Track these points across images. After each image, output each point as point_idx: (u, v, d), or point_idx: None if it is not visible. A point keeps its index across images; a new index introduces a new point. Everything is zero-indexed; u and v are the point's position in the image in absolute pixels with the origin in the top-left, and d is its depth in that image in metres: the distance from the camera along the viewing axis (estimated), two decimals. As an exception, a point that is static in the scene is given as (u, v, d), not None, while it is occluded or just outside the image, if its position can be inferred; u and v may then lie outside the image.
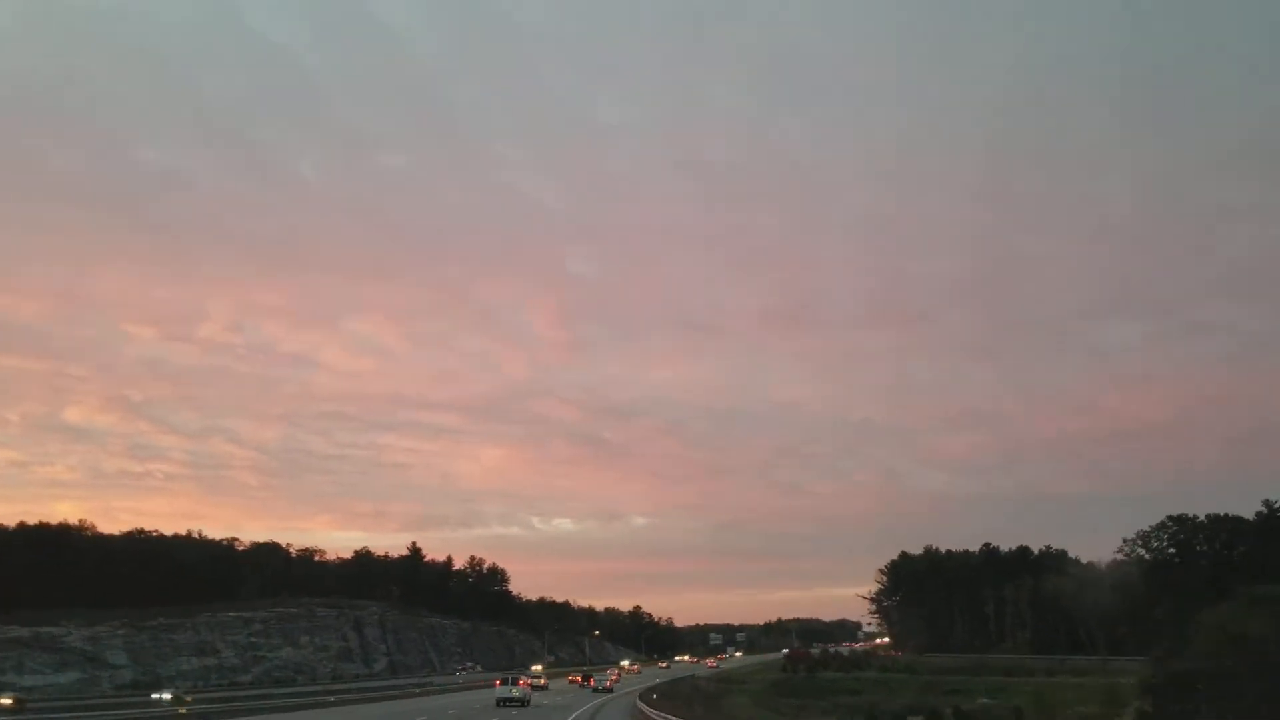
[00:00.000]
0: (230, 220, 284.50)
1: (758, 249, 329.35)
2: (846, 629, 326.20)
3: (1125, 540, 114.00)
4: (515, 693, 65.14)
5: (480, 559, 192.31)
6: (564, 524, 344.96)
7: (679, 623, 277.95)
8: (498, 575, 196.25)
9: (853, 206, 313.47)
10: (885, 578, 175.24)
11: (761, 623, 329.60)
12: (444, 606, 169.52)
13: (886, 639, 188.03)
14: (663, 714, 47.40)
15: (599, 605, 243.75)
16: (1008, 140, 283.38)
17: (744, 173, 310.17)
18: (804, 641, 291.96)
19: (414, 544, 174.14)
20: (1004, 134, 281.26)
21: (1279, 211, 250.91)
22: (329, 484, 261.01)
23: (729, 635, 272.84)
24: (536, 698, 70.74)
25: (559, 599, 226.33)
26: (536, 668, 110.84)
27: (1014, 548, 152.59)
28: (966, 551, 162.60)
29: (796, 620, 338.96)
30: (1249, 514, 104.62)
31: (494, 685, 72.22)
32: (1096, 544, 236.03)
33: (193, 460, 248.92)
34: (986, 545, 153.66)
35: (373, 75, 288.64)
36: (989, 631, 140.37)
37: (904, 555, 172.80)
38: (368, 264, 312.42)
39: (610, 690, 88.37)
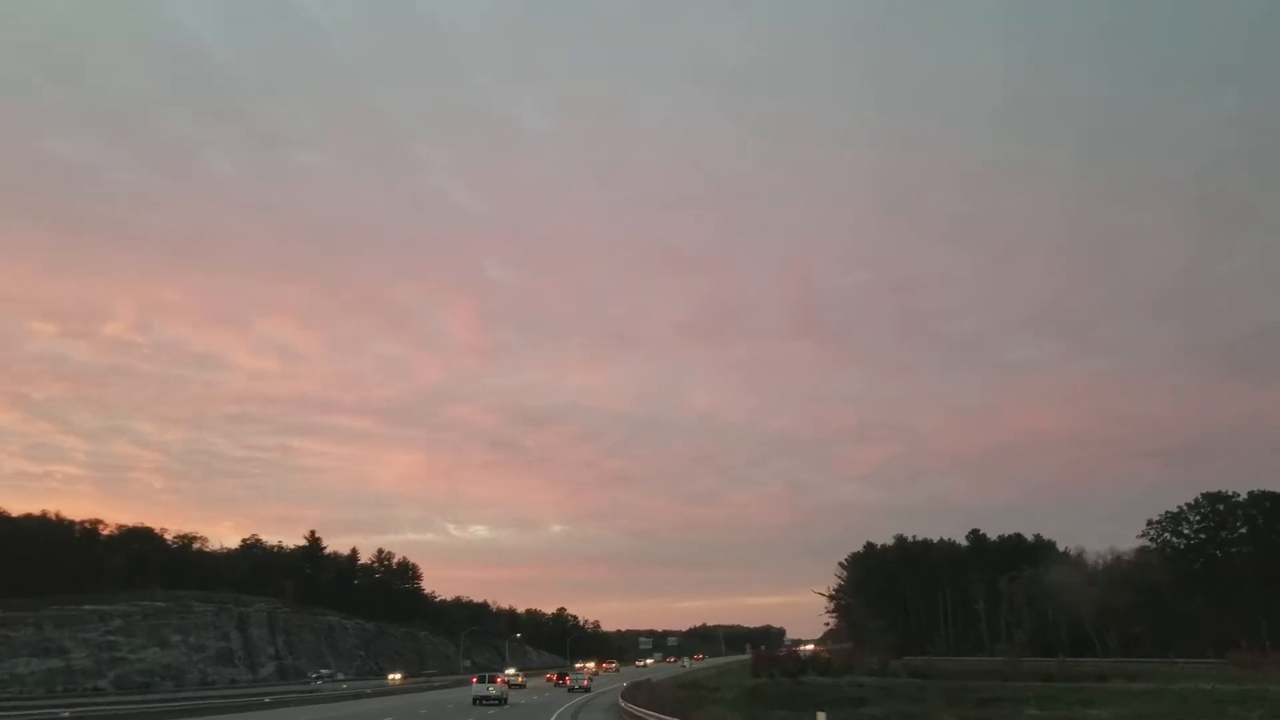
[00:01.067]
0: (137, 215, 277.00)
1: (680, 259, 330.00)
2: (772, 635, 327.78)
3: (1150, 523, 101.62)
4: (492, 690, 64.57)
5: (389, 553, 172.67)
6: (480, 531, 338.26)
7: (605, 628, 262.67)
8: (409, 572, 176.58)
9: (774, 220, 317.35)
10: (845, 572, 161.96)
11: (686, 628, 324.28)
12: (347, 605, 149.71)
13: (831, 644, 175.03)
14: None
15: (520, 607, 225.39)
16: (923, 160, 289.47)
17: (668, 182, 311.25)
18: (731, 647, 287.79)
19: (313, 533, 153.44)
20: (920, 154, 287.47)
21: (1181, 235, 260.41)
22: (237, 488, 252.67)
23: (659, 640, 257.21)
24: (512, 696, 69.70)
25: (478, 599, 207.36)
26: (510, 670, 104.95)
27: (1007, 535, 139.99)
28: (946, 541, 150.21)
29: (720, 626, 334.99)
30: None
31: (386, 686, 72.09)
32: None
33: (94, 462, 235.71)
34: (975, 532, 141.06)
35: (291, 71, 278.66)
36: (978, 631, 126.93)
37: (870, 547, 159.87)
38: (280, 263, 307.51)
39: (587, 689, 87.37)
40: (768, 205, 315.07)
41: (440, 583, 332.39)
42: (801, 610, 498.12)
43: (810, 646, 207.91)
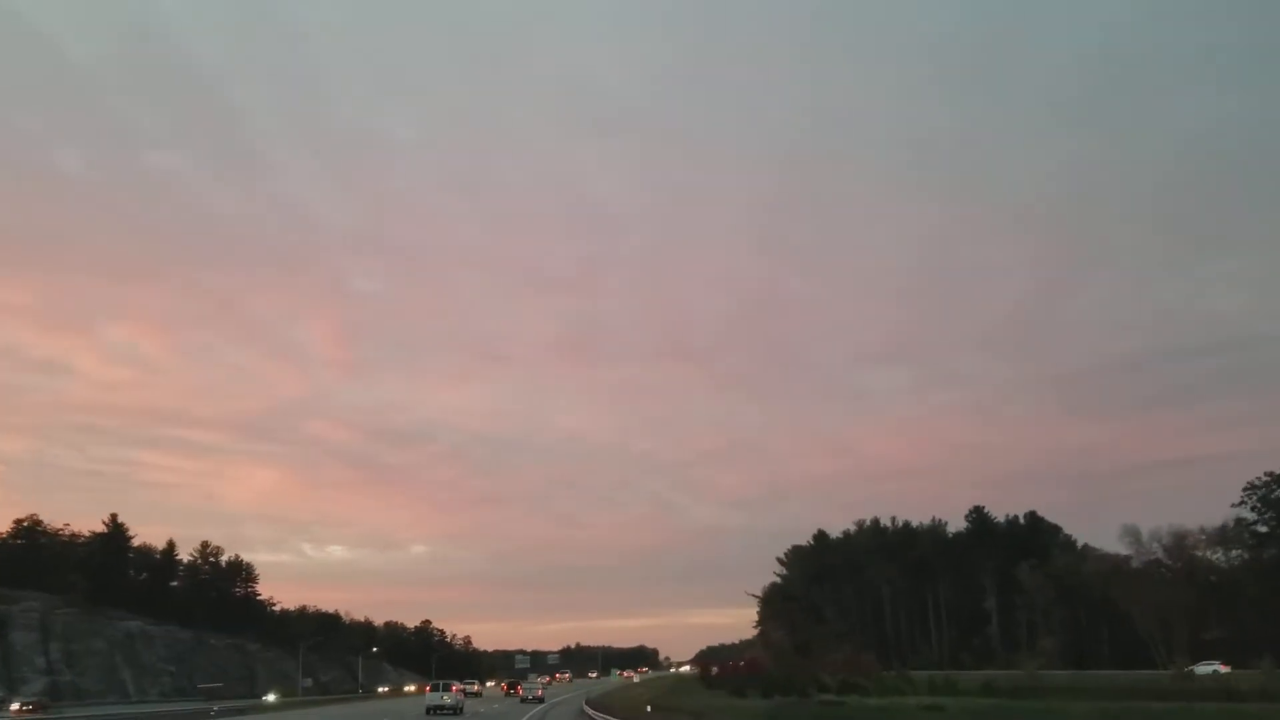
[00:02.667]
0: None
1: (547, 278, 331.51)
2: (647, 655, 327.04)
3: (1234, 504, 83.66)
4: (447, 700, 63.20)
5: (217, 548, 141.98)
6: (338, 551, 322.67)
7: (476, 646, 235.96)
8: (242, 572, 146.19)
9: (640, 242, 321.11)
10: (788, 569, 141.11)
11: (558, 649, 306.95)
12: (161, 610, 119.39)
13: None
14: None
15: (378, 619, 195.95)
16: (788, 191, 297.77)
17: (538, 200, 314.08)
18: (607, 667, 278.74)
19: (114, 518, 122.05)
20: (786, 185, 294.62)
21: (1026, 273, 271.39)
22: (81, 502, 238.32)
23: (538, 659, 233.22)
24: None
25: (328, 609, 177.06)
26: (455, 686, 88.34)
27: (1019, 515, 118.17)
28: (935, 524, 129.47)
29: (597, 647, 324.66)
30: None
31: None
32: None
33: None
34: (978, 511, 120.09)
35: (147, 70, 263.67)
36: (984, 635, 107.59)
37: (823, 536, 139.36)
38: (131, 267, 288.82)
39: (541, 699, 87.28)
40: (637, 227, 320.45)
41: (294, 605, 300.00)
42: (673, 632, 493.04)
43: (686, 667, 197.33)
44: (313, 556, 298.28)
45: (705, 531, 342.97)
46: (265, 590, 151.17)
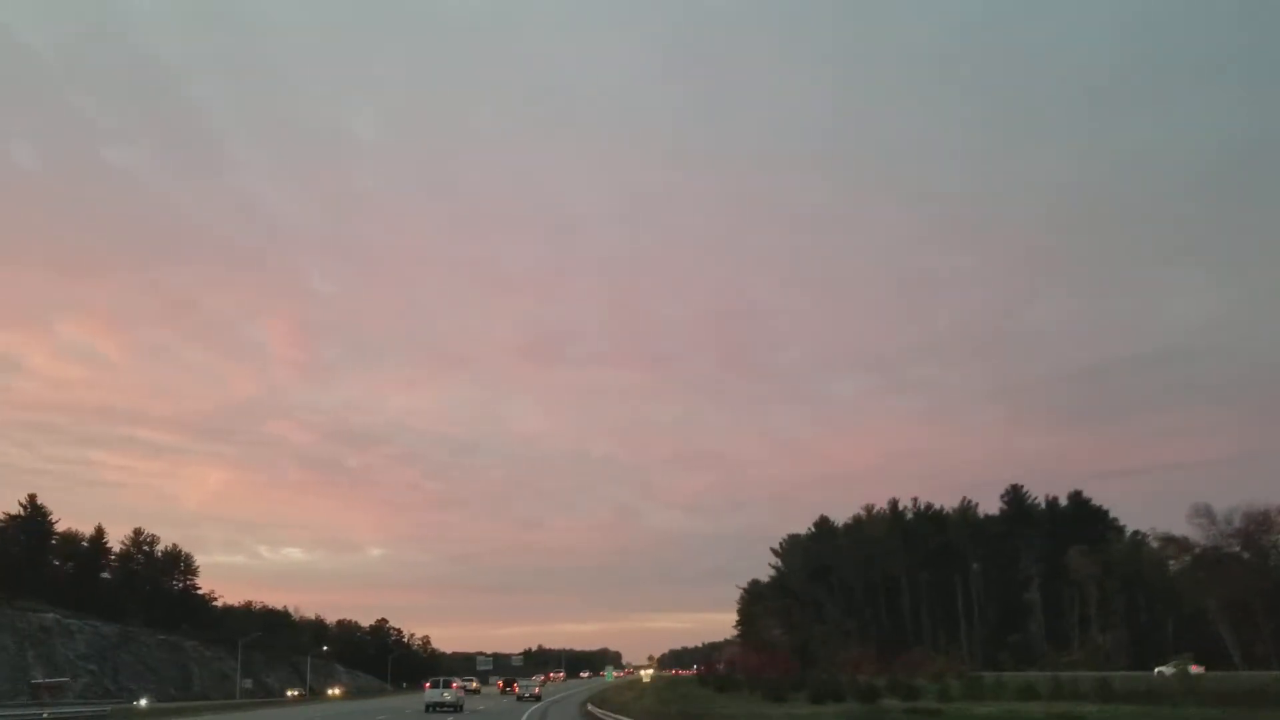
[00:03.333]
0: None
1: (508, 280, 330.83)
2: (608, 657, 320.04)
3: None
4: (447, 697, 62.45)
5: (153, 536, 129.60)
6: (294, 553, 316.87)
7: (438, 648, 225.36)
8: (181, 564, 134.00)
9: (603, 246, 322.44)
10: (784, 560, 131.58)
11: (518, 651, 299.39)
12: (87, 602, 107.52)
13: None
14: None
15: (331, 618, 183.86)
16: (754, 197, 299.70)
17: (500, 202, 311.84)
18: (571, 670, 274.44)
19: (32, 499, 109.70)
20: (751, 191, 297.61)
21: (992, 282, 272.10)
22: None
23: (501, 661, 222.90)
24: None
25: (277, 605, 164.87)
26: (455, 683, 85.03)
27: (1059, 497, 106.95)
28: (968, 504, 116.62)
29: (556, 650, 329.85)
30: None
31: None
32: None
33: None
34: (1015, 491, 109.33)
35: (105, 63, 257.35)
36: (1026, 632, 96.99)
37: (824, 524, 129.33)
38: (86, 263, 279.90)
39: (538, 697, 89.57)
40: (598, 231, 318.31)
41: (241, 602, 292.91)
42: (632, 636, 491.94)
43: (648, 671, 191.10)
44: (268, 558, 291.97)
45: (665, 536, 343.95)
46: (215, 588, 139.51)
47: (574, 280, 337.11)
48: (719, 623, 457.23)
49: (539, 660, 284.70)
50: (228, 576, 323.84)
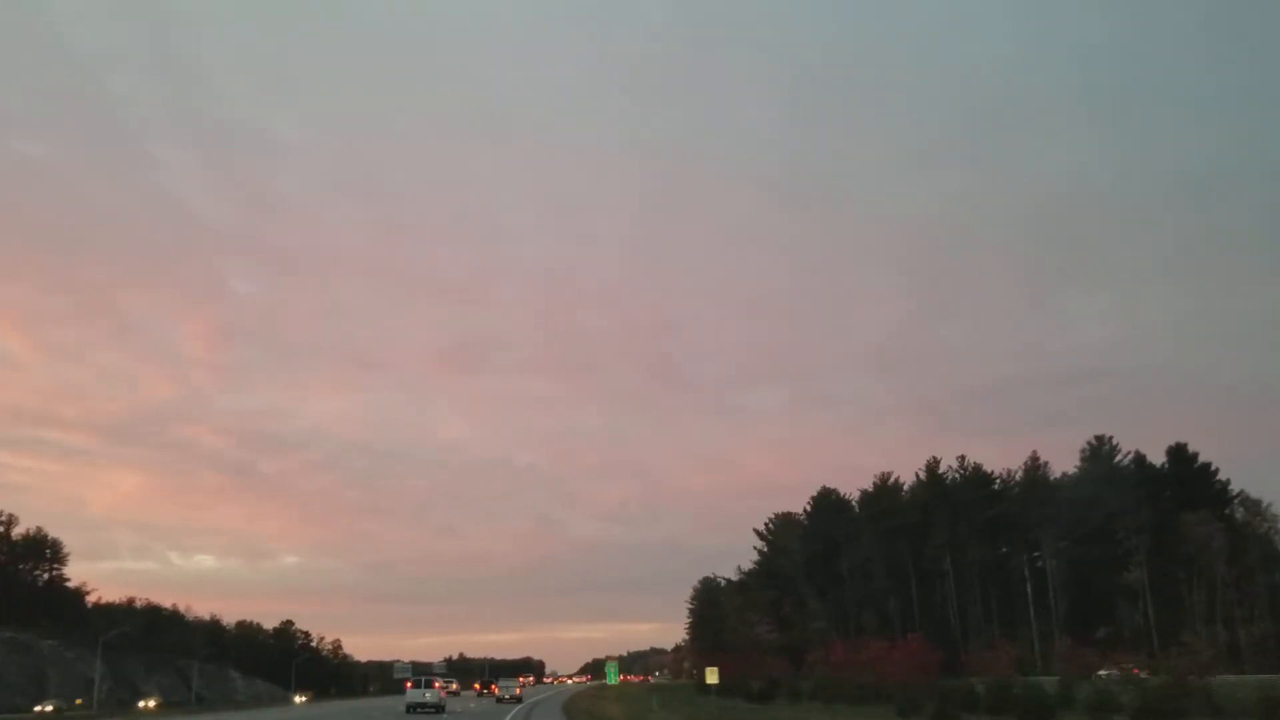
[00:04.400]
0: None
1: (433, 286, 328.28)
2: (532, 666, 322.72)
3: None
4: (429, 697, 60.80)
5: (11, 517, 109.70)
6: (206, 560, 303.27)
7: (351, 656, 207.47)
8: (46, 551, 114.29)
9: (528, 254, 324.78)
10: (774, 538, 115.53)
11: (439, 660, 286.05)
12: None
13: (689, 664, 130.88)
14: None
15: (230, 617, 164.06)
16: (674, 207, 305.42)
17: (425, 208, 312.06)
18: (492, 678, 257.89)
19: None
20: (674, 203, 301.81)
21: (903, 300, 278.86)
22: None
23: (421, 669, 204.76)
24: None
25: (165, 603, 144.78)
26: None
27: (1148, 457, 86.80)
28: (1036, 463, 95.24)
29: (479, 659, 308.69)
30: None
31: None
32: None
33: None
34: (1099, 440, 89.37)
35: (19, 52, 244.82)
36: (1115, 620, 77.85)
37: (827, 496, 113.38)
38: None
39: (519, 699, 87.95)
40: (525, 239, 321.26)
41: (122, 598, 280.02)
42: (553, 646, 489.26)
43: (572, 679, 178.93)
44: (180, 565, 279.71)
45: (587, 546, 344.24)
46: (124, 591, 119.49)
47: (499, 288, 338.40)
48: (641, 632, 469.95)
49: (460, 669, 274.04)
50: (139, 582, 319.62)
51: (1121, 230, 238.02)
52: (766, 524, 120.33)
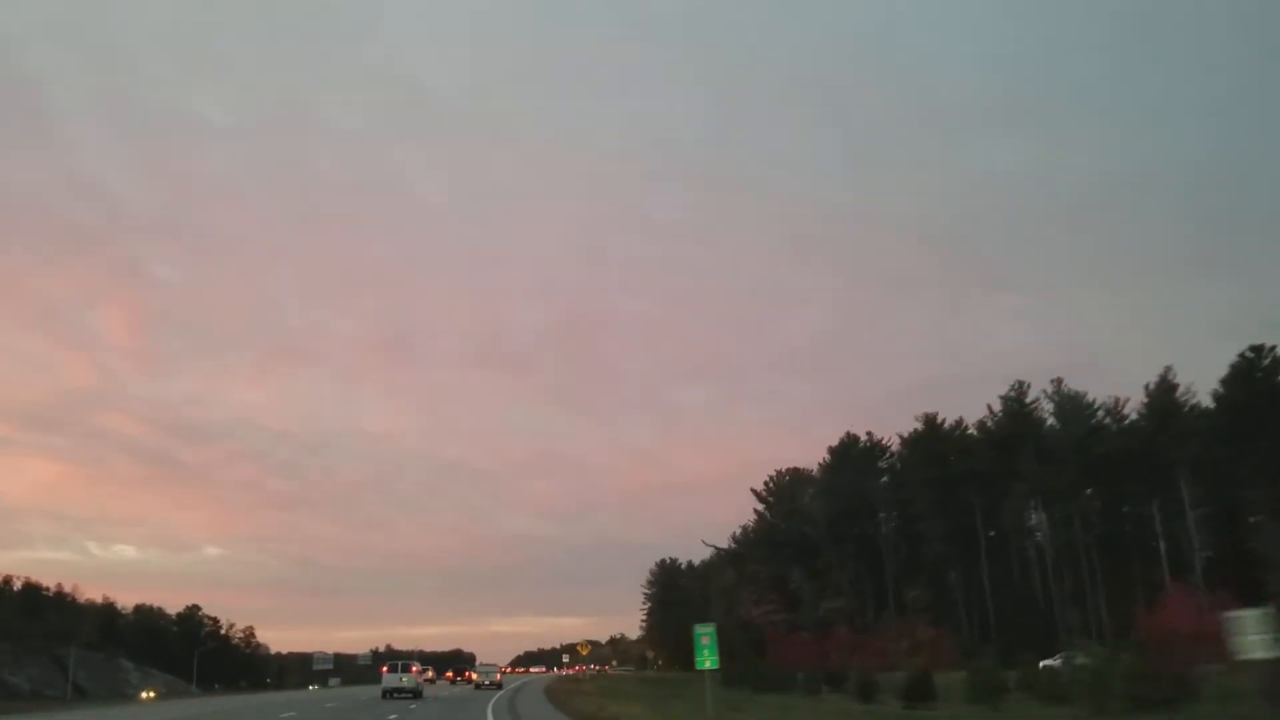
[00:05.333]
0: None
1: (363, 276, 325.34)
2: (463, 659, 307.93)
3: None
4: (405, 681, 58.46)
5: None
6: (126, 551, 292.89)
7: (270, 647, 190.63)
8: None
9: (459, 246, 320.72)
10: (775, 498, 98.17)
11: (364, 651, 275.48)
12: None
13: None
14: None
15: (128, 600, 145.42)
16: (607, 202, 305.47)
17: (354, 196, 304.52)
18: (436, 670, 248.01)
19: None
20: (605, 196, 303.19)
21: (834, 301, 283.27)
22: None
23: (345, 662, 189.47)
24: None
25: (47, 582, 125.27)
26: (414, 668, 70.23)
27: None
28: (1113, 404, 77.67)
29: (407, 651, 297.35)
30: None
31: None
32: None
33: None
34: (1251, 355, 65.87)
35: None
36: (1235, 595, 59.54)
37: (854, 442, 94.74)
38: None
39: (499, 685, 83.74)
40: (456, 231, 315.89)
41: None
42: (479, 641, 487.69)
43: (498, 670, 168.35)
44: (99, 556, 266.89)
45: (514, 540, 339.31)
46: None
47: (429, 280, 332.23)
48: (572, 626, 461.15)
49: (387, 661, 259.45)
50: (54, 573, 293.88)
51: (1041, 236, 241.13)
52: (767, 483, 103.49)
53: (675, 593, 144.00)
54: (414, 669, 61.59)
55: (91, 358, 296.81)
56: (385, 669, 62.84)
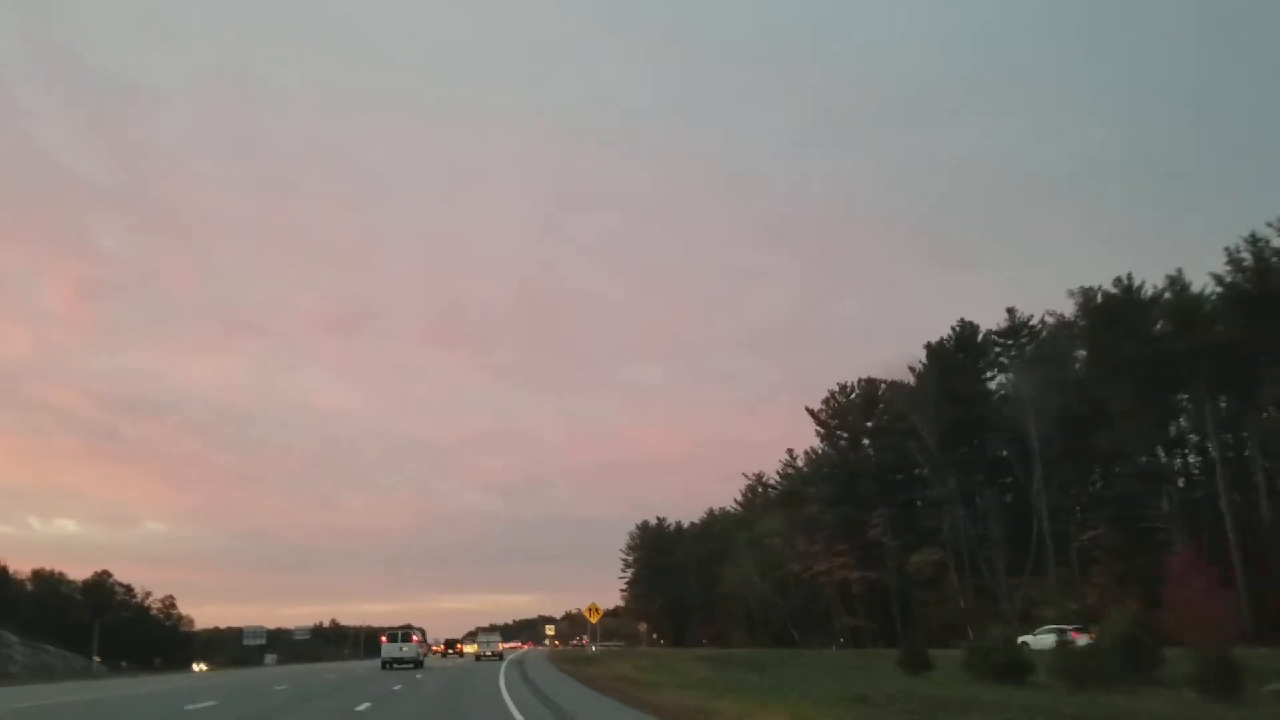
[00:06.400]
0: None
1: (315, 250, 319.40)
2: (414, 633, 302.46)
3: None
4: (406, 651, 57.70)
5: None
6: (67, 525, 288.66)
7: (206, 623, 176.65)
8: None
9: (418, 222, 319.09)
10: (837, 417, 76.79)
11: (309, 626, 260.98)
12: None
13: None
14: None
15: (23, 567, 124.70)
16: (568, 179, 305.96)
17: (310, 170, 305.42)
18: (370, 649, 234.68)
19: None
20: (566, 173, 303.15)
21: (795, 283, 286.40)
22: None
23: (280, 636, 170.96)
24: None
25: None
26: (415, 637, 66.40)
27: None
28: None
29: (355, 627, 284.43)
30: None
31: None
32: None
33: None
34: None
35: None
36: None
37: (966, 327, 71.82)
38: None
39: (500, 656, 79.61)
40: (415, 207, 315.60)
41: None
42: (429, 618, 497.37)
43: (499, 640, 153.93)
44: (39, 530, 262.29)
45: (467, 517, 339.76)
46: None
47: (385, 255, 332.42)
48: (523, 602, 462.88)
49: (330, 638, 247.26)
50: None
51: (1001, 217, 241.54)
52: (830, 398, 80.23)
53: (664, 557, 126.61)
54: (414, 638, 59.44)
55: (34, 329, 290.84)
56: (384, 639, 61.36)
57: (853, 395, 79.58)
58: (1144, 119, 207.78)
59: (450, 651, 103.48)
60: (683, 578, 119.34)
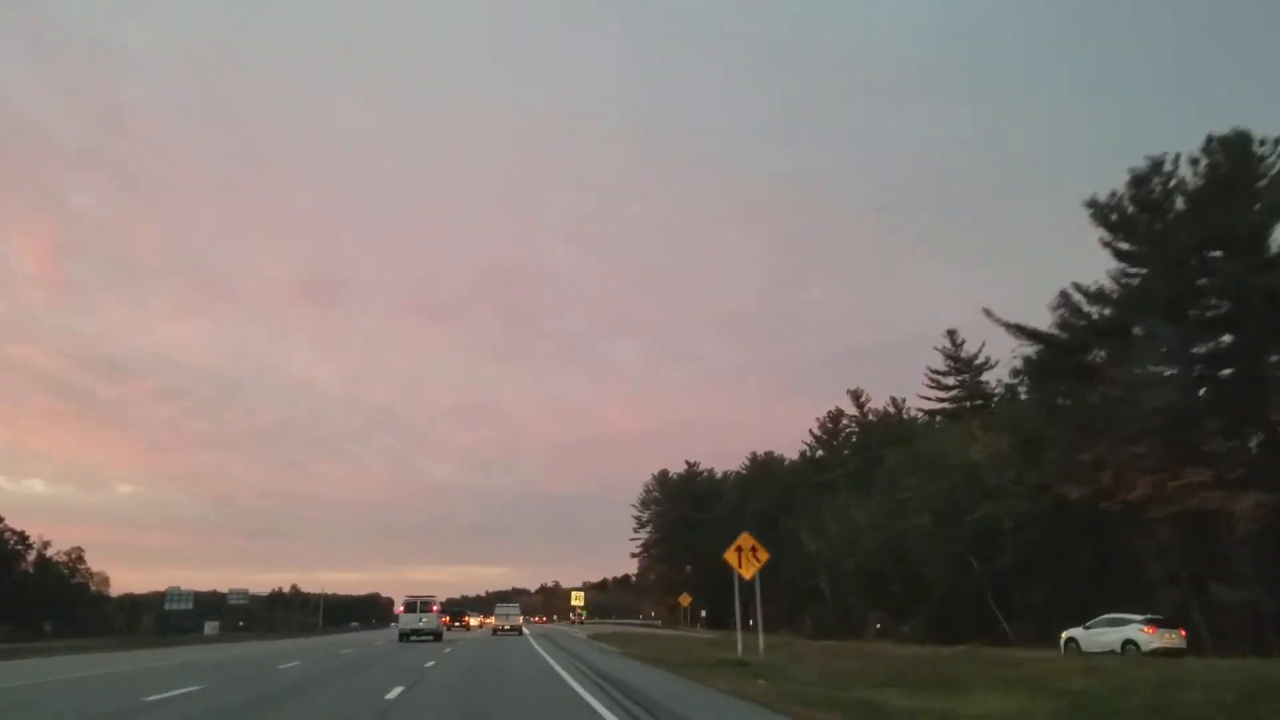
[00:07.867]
0: None
1: (289, 217, 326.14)
2: (381, 604, 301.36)
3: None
4: (425, 623, 54.81)
5: None
6: (36, 485, 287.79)
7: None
8: None
9: (391, 192, 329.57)
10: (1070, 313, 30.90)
11: (269, 592, 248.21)
12: None
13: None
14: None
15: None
16: (543, 157, 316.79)
17: (285, 137, 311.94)
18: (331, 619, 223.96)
19: None
20: (542, 151, 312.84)
21: (764, 265, 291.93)
22: None
23: (231, 601, 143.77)
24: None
25: None
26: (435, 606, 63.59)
27: None
28: None
29: (315, 595, 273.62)
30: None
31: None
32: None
33: None
34: None
35: None
36: None
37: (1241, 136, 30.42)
38: None
39: (520, 631, 76.40)
40: (390, 178, 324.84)
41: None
42: (396, 588, 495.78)
43: (519, 613, 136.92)
44: (9, 490, 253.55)
45: (438, 489, 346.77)
46: None
47: (359, 224, 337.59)
48: (493, 575, 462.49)
49: (291, 604, 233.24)
50: None
51: (972, 206, 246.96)
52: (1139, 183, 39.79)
53: (700, 510, 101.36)
54: (434, 608, 56.63)
55: (3, 288, 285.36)
56: (402, 609, 58.72)
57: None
58: (1124, 110, 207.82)
59: (456, 624, 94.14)
60: (729, 537, 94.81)
